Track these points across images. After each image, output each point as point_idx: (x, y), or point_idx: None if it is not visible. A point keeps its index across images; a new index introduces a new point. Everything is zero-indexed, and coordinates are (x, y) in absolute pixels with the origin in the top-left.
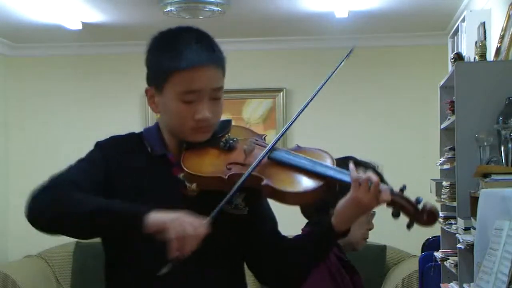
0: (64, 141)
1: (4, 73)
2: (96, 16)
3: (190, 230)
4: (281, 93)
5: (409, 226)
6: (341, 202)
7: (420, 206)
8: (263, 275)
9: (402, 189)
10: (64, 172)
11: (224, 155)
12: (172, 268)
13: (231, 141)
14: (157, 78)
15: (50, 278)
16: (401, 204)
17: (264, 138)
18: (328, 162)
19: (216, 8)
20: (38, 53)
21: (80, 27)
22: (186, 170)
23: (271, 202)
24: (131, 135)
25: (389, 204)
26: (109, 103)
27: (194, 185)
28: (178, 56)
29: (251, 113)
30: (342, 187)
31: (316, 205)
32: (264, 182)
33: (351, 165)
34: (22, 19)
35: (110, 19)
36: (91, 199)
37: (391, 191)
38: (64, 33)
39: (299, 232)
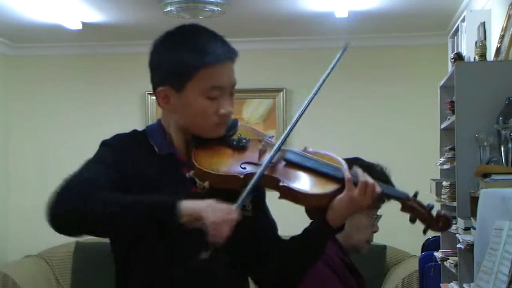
0: (64, 141)
1: (4, 73)
2: (96, 16)
3: (224, 215)
4: (281, 93)
5: (424, 231)
6: (337, 199)
7: (433, 213)
8: (263, 280)
9: (416, 194)
10: (80, 173)
11: (238, 154)
12: (211, 255)
13: (244, 141)
14: (178, 76)
15: (50, 278)
16: (416, 210)
17: (272, 138)
18: (341, 166)
19: (216, 8)
20: (38, 53)
21: (80, 27)
22: (200, 167)
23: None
24: (136, 133)
25: (405, 209)
26: (109, 103)
27: (206, 183)
28: (204, 52)
29: (251, 113)
30: None
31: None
32: (282, 183)
33: (356, 168)
34: (22, 19)
35: (110, 19)
36: (119, 196)
37: (406, 197)
38: (64, 33)
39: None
